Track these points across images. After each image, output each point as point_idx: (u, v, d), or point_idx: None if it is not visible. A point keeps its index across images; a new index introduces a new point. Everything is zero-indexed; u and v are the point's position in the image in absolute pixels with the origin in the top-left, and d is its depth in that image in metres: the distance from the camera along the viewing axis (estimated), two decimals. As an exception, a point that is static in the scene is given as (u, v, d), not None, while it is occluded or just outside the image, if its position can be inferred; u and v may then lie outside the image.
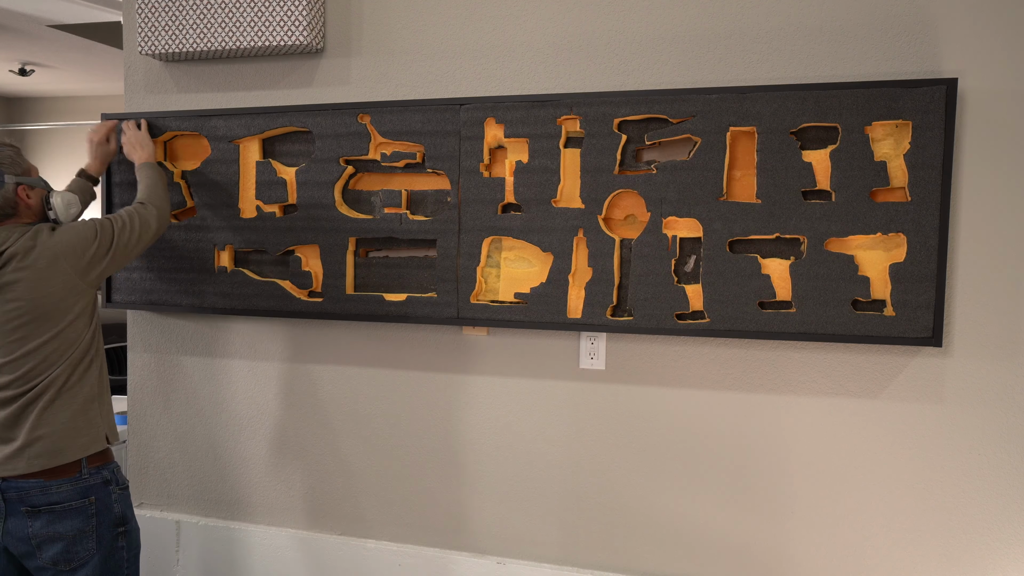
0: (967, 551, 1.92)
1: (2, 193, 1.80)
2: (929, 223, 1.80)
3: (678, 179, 1.95)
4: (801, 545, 2.02)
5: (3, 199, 1.81)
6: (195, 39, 2.29)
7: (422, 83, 2.22)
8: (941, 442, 1.92)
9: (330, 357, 2.37)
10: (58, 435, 1.81)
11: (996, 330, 1.86)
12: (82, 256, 1.83)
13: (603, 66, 2.07)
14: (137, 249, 1.97)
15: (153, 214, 2.02)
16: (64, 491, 1.82)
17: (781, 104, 1.87)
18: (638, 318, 1.99)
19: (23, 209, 1.86)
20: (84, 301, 1.86)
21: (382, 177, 2.24)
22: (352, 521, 2.38)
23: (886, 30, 1.88)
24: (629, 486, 2.13)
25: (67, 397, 1.83)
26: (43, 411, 1.80)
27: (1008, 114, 1.82)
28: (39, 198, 1.90)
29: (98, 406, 1.90)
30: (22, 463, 1.78)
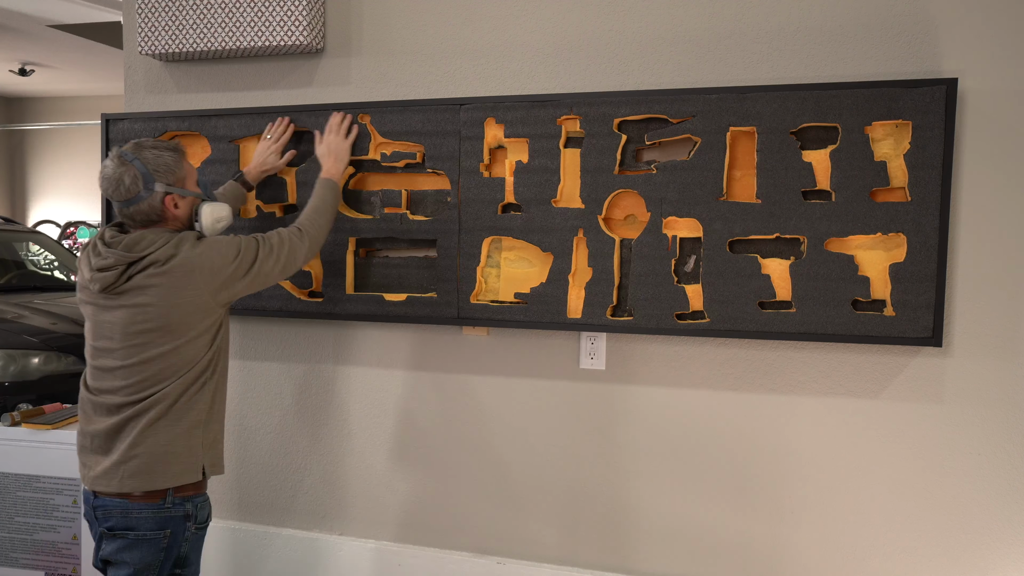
0: (967, 551, 1.92)
1: (149, 200, 1.70)
2: (929, 223, 1.80)
3: (678, 179, 1.95)
4: (801, 545, 2.02)
5: (149, 206, 1.71)
6: (195, 39, 2.29)
7: (422, 83, 2.22)
8: (941, 442, 1.92)
9: (330, 357, 2.36)
10: (155, 457, 1.70)
11: (996, 330, 1.86)
12: (218, 274, 1.73)
13: (603, 66, 2.07)
14: (278, 279, 1.85)
15: (305, 248, 1.88)
16: (144, 518, 1.71)
17: (781, 104, 1.87)
18: (638, 318, 1.99)
19: (170, 217, 1.75)
20: (210, 320, 1.76)
21: (382, 177, 2.23)
22: (352, 521, 2.38)
23: (886, 30, 1.88)
24: (629, 486, 2.13)
25: (172, 417, 1.72)
26: (146, 428, 1.70)
27: (1008, 114, 1.82)
28: (189, 207, 1.78)
29: (202, 433, 1.77)
30: (115, 480, 1.69)
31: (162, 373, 1.71)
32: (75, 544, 2.63)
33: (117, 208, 1.72)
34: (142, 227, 1.73)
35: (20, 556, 2.68)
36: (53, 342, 4.19)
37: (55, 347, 4.17)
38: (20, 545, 2.68)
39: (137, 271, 1.66)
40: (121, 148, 1.71)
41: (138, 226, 1.73)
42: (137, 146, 1.71)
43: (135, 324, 1.68)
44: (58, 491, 2.63)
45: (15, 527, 2.67)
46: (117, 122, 2.40)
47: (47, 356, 4.12)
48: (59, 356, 4.16)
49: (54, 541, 2.65)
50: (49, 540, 2.65)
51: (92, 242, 1.75)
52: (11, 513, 2.68)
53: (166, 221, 1.75)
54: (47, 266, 5.94)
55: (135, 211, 1.70)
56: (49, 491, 2.63)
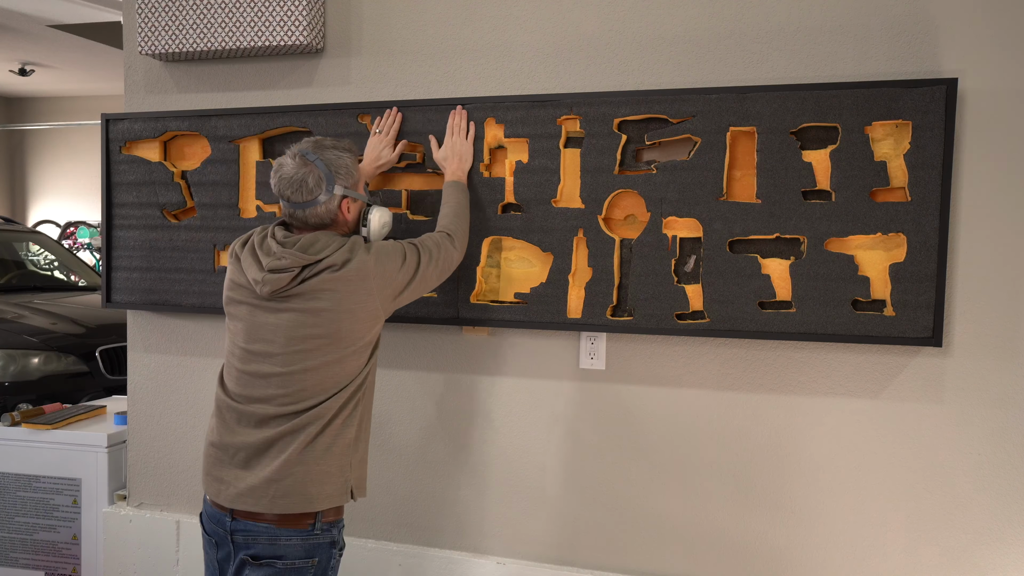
0: (967, 551, 1.92)
1: (327, 204, 1.63)
2: (929, 223, 1.80)
3: (678, 179, 1.95)
4: (801, 544, 2.02)
5: (326, 210, 1.64)
6: (195, 39, 2.29)
7: (422, 83, 2.22)
8: (941, 442, 1.92)
9: (330, 357, 2.36)
10: (310, 477, 1.58)
11: (996, 330, 1.86)
12: (391, 282, 1.65)
13: (603, 66, 2.07)
14: (434, 286, 1.78)
15: (457, 253, 1.83)
16: (292, 545, 1.58)
17: (781, 104, 1.87)
18: (638, 318, 1.99)
19: (340, 221, 1.69)
20: (375, 331, 1.67)
21: (382, 177, 2.23)
22: (351, 521, 2.38)
23: (886, 30, 1.88)
24: (629, 486, 2.13)
25: (330, 435, 1.60)
26: (304, 445, 1.57)
27: (1008, 114, 1.82)
28: (357, 212, 1.72)
29: (352, 452, 1.66)
30: (264, 501, 1.55)
31: (323, 385, 1.60)
32: (75, 544, 2.63)
33: (289, 209, 1.64)
34: (312, 230, 1.65)
35: (20, 556, 2.68)
36: (53, 342, 4.19)
37: (55, 347, 4.17)
38: (20, 545, 2.68)
39: (312, 274, 1.57)
40: (299, 147, 1.63)
41: (308, 228, 1.66)
42: (318, 145, 1.64)
43: (302, 329, 1.58)
44: (58, 491, 2.63)
45: (15, 527, 2.67)
46: (117, 122, 2.40)
47: (47, 356, 4.13)
48: (59, 356, 4.16)
49: (54, 541, 2.65)
50: (49, 540, 2.65)
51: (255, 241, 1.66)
52: (11, 513, 2.68)
53: (336, 225, 1.68)
54: (47, 266, 5.94)
55: (311, 214, 1.62)
56: (49, 491, 2.63)
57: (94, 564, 2.61)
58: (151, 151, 2.39)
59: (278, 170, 1.63)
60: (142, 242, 2.40)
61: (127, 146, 2.41)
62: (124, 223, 2.42)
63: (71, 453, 2.61)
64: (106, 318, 4.45)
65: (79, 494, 2.61)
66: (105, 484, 2.59)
